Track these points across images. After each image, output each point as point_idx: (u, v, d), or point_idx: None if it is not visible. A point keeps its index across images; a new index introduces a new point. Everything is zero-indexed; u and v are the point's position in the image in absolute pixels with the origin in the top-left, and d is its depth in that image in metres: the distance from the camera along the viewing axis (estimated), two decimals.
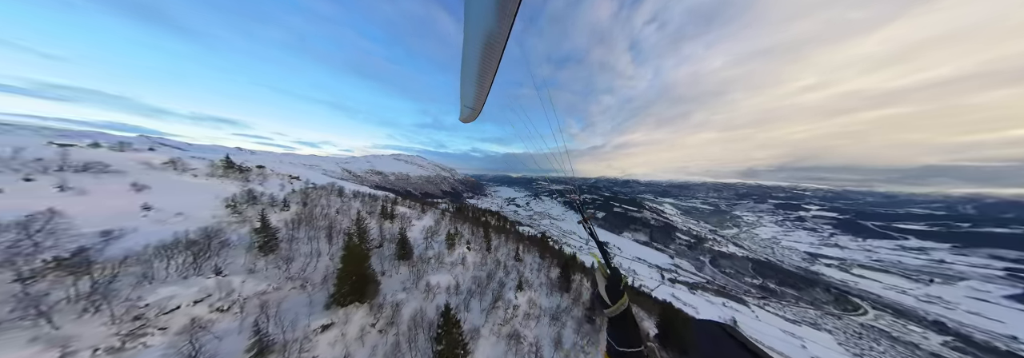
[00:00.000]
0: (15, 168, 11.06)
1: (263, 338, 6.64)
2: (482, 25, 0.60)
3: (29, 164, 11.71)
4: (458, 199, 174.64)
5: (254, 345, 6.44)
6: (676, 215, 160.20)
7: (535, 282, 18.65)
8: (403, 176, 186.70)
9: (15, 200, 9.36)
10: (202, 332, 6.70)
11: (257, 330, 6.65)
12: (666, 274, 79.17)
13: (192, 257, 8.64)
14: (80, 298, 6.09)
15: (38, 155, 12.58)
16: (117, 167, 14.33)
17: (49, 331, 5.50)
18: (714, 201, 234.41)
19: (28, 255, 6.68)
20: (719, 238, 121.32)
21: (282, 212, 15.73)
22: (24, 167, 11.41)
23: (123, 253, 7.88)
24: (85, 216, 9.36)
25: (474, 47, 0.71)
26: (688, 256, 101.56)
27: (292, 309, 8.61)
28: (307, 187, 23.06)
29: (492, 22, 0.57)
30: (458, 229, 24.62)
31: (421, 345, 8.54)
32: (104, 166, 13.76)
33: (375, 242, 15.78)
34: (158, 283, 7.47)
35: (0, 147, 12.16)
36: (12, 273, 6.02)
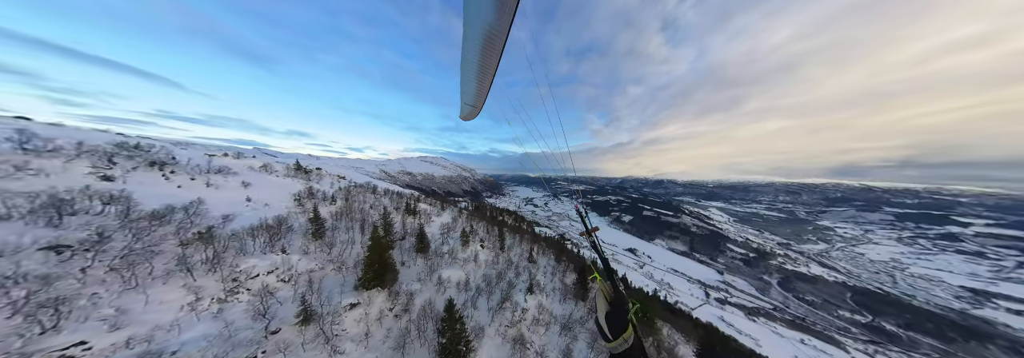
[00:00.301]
0: (187, 171, 16.79)
1: (308, 308, 8.44)
2: (482, 20, 0.58)
3: (193, 169, 17.56)
4: (478, 198, 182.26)
5: (301, 313, 8.28)
6: (728, 223, 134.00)
7: (548, 286, 18.15)
8: (429, 176, 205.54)
9: (184, 192, 14.14)
10: (270, 297, 8.91)
11: (304, 301, 8.52)
12: (712, 292, 66.73)
13: (269, 237, 11.66)
14: (207, 261, 9.00)
15: (198, 163, 18.79)
16: (235, 170, 20.28)
17: (190, 281, 8.33)
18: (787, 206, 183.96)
19: (185, 229, 10.18)
20: (795, 255, 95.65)
21: (330, 206, 19.40)
22: (192, 171, 17.17)
23: (231, 231, 11.19)
24: (215, 204, 13.46)
25: (474, 43, 0.68)
26: (744, 273, 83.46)
27: (329, 287, 10.63)
28: (349, 185, 27.59)
29: (492, 17, 0.55)
30: (474, 227, 25.78)
31: (428, 335, 9.30)
32: (228, 169, 19.69)
33: (398, 235, 17.65)
34: (248, 255, 10.26)
35: (183, 158, 18.54)
36: (177, 240, 9.43)
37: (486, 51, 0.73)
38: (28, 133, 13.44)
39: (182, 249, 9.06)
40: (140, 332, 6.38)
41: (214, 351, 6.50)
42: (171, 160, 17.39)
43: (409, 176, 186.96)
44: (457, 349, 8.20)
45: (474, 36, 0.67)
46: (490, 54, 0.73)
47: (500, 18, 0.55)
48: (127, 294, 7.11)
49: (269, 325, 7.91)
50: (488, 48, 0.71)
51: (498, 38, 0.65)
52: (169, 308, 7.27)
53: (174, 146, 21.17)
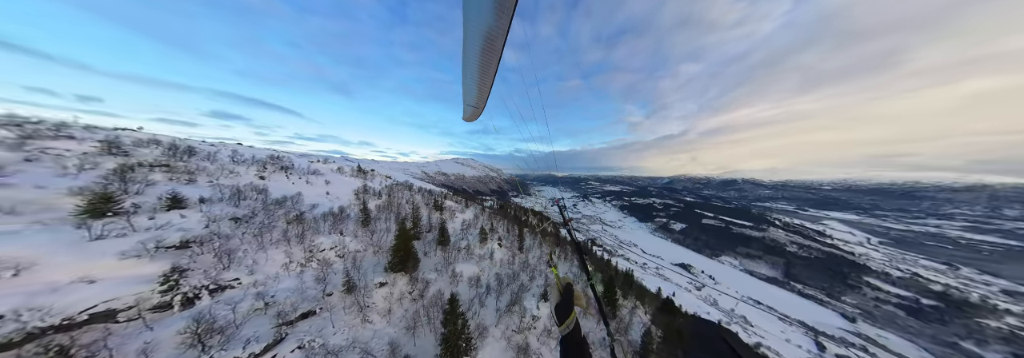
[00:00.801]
0: (297, 174, 24.67)
1: (351, 280, 11.06)
2: (481, 22, 0.59)
3: (300, 171, 25.61)
4: (504, 197, 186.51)
5: (346, 283, 10.93)
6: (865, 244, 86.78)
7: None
8: (460, 176, 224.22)
9: (293, 187, 20.74)
10: (329, 267, 12.06)
11: (348, 275, 11.27)
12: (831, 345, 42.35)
13: (333, 222, 15.84)
14: (298, 236, 12.99)
15: (303, 167, 27.15)
16: (322, 172, 28.19)
17: (288, 249, 12.15)
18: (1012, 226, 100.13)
19: (288, 213, 15.09)
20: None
21: (376, 200, 24.28)
22: (299, 173, 25.17)
23: (313, 216, 15.87)
24: (308, 196, 19.23)
25: (474, 45, 0.69)
26: (909, 329, 49.30)
27: (367, 265, 13.41)
28: (392, 184, 33.41)
29: (491, 19, 0.56)
30: (494, 225, 27.29)
31: (436, 324, 10.00)
32: (318, 171, 27.50)
33: (425, 227, 20.30)
34: (319, 234, 14.18)
35: (297, 164, 27.13)
36: (284, 220, 14.15)
37: (486, 52, 0.75)
38: (237, 152, 23.03)
39: (286, 226, 13.46)
40: (260, 278, 9.88)
41: (292, 300, 9.36)
42: (291, 166, 25.71)
43: (444, 176, 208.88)
44: (457, 344, 8.46)
45: (473, 38, 0.69)
46: (490, 55, 0.76)
47: (499, 20, 0.57)
48: (258, 252, 11.12)
49: (325, 288, 10.71)
50: (487, 49, 0.73)
51: (497, 39, 0.67)
52: (274, 265, 10.87)
53: (299, 157, 31.21)
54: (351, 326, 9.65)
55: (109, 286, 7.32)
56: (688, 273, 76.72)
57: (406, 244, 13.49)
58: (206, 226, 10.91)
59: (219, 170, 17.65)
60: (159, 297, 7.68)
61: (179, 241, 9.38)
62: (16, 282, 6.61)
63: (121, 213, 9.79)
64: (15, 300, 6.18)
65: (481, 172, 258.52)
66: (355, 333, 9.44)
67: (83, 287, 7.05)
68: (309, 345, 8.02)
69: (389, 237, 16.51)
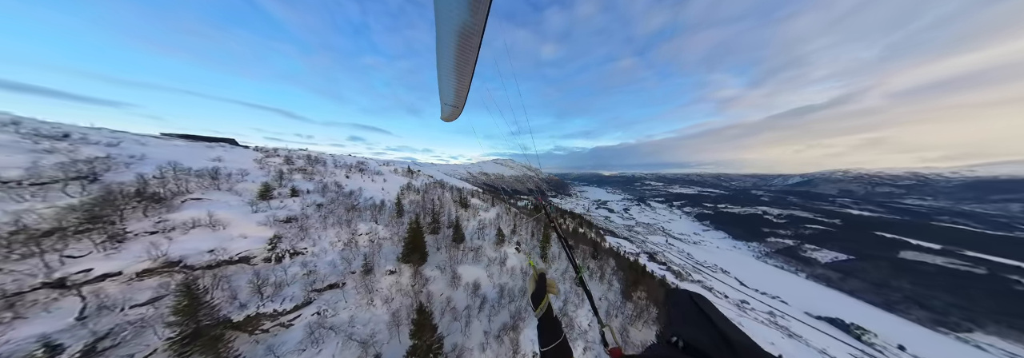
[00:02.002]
0: (369, 175, 33.38)
1: (368, 263, 13.73)
2: (455, 18, 0.54)
3: (370, 172, 34.63)
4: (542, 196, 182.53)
5: (365, 266, 13.73)
6: None
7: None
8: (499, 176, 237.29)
9: (362, 184, 28.44)
10: (359, 250, 15.36)
11: (367, 259, 14.01)
12: None
13: (374, 213, 20.38)
14: (349, 221, 17.75)
15: (374, 169, 36.79)
16: (383, 173, 37.10)
17: (340, 230, 16.75)
18: None
19: (351, 202, 20.92)
20: None
21: (415, 195, 29.37)
22: (370, 173, 33.97)
23: (363, 206, 21.10)
24: (368, 191, 25.72)
25: (448, 42, 0.64)
26: None
27: (386, 253, 16.10)
28: (430, 182, 39.23)
29: (466, 14, 0.53)
30: (517, 226, 27.18)
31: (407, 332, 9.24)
32: (381, 172, 36.39)
33: (446, 223, 22.17)
34: (362, 221, 18.59)
35: (370, 167, 36.94)
36: (346, 208, 19.66)
37: (462, 50, 0.71)
38: (337, 160, 34.01)
39: (345, 212, 18.62)
40: (315, 251, 14.13)
41: (326, 272, 12.49)
42: (366, 169, 35.42)
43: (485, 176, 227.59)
44: None
45: (448, 35, 0.65)
46: (466, 53, 0.72)
47: (474, 16, 0.54)
48: (320, 231, 15.88)
49: (351, 267, 13.82)
50: (464, 47, 0.69)
51: (473, 36, 0.63)
52: (326, 243, 15.12)
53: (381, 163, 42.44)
54: (359, 305, 11.63)
55: (251, 242, 12.31)
56: (856, 340, 39.43)
57: (416, 237, 15.07)
58: (302, 209, 16.48)
59: (326, 172, 26.70)
60: (267, 253, 12.38)
61: (285, 217, 14.77)
62: (217, 233, 12.03)
63: (272, 198, 16.84)
64: (214, 243, 11.36)
65: (519, 172, 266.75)
66: (358, 312, 11.29)
67: (241, 240, 12.27)
68: (323, 313, 10.33)
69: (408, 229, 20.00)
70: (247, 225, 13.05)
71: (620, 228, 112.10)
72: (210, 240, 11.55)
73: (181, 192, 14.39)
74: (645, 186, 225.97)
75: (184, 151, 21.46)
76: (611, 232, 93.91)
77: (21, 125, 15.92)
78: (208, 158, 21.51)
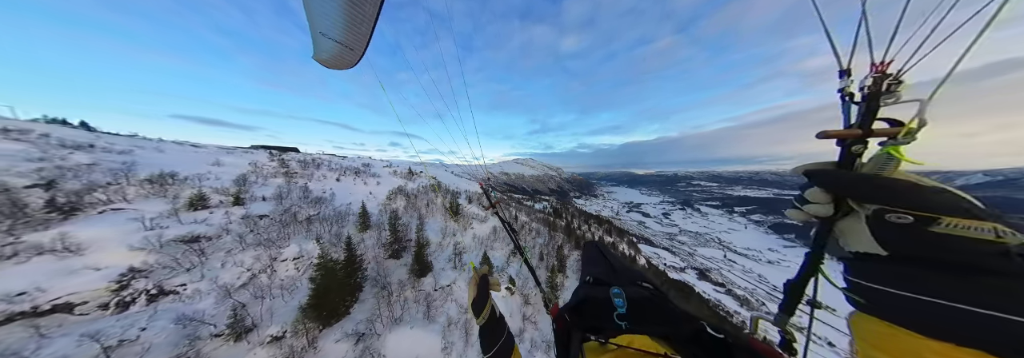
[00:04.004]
0: (364, 177, 30.67)
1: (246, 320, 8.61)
2: None
3: (367, 175, 31.99)
4: (564, 198, 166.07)
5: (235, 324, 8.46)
6: None
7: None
8: (520, 176, 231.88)
9: (346, 187, 25.35)
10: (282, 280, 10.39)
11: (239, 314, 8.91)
12: None
13: (335, 224, 15.57)
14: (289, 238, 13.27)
15: (375, 172, 34.41)
16: (380, 174, 34.18)
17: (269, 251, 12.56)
18: None
19: (309, 212, 16.76)
20: None
21: (401, 201, 24.69)
22: (365, 175, 31.35)
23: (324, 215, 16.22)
24: (351, 195, 21.55)
25: None
26: None
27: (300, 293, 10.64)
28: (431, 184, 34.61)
29: None
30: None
31: None
32: (378, 174, 33.64)
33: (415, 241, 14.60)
34: (305, 239, 13.64)
35: (374, 170, 34.75)
36: (299, 220, 15.50)
37: None
38: (333, 161, 32.25)
39: (292, 225, 14.19)
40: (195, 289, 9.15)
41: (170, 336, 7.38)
42: (363, 171, 32.89)
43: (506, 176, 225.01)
44: None
45: None
46: None
47: None
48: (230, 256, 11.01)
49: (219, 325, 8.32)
50: None
51: None
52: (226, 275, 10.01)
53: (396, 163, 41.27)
54: None
55: (97, 278, 8.10)
56: None
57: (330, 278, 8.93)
58: (227, 223, 12.43)
59: (316, 175, 24.25)
60: (109, 295, 8.05)
61: (189, 236, 10.59)
62: (64, 261, 8.10)
63: (205, 207, 13.26)
64: (42, 277, 7.35)
65: (540, 171, 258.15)
66: None
67: (86, 274, 8.22)
68: None
69: (368, 251, 14.12)
70: (114, 250, 9.11)
71: (659, 236, 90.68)
72: (41, 273, 7.74)
73: (108, 201, 11.93)
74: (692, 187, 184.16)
75: (191, 157, 21.21)
76: (647, 240, 75.54)
77: (50, 136, 16.71)
78: (208, 163, 20.88)
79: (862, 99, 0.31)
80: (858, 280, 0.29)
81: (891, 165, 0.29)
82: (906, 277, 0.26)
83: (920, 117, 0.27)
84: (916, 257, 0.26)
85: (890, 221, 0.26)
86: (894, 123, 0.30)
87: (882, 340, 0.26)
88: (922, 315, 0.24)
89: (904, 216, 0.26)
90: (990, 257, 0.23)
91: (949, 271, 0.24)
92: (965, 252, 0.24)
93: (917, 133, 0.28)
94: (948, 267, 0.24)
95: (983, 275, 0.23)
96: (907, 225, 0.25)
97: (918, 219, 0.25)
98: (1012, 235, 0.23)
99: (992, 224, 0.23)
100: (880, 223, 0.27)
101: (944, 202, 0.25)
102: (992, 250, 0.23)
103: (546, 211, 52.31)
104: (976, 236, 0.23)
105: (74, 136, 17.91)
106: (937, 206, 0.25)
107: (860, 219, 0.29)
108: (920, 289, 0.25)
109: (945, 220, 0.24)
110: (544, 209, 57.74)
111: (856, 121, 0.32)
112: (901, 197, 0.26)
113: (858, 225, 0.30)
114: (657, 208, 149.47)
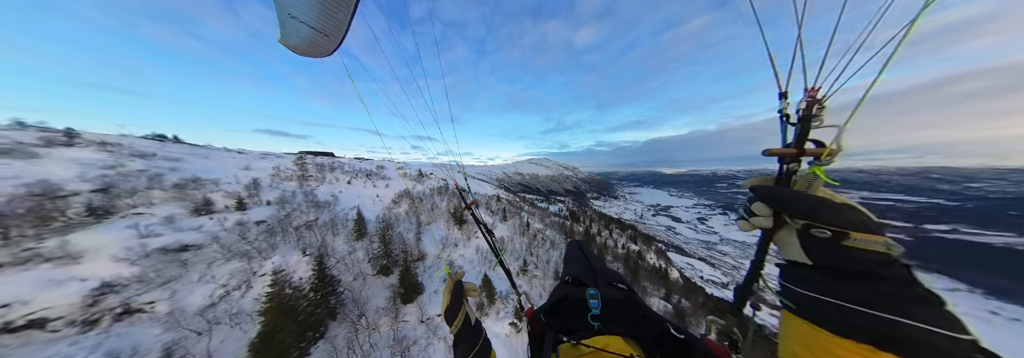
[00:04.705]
0: (372, 180, 31.02)
1: None
2: None
3: (377, 177, 32.21)
4: (581, 199, 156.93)
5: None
6: None
7: None
8: (534, 176, 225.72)
9: (355, 190, 25.15)
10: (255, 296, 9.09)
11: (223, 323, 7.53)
12: None
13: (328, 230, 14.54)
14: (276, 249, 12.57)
15: (386, 175, 34.63)
16: (391, 177, 34.16)
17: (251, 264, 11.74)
18: None
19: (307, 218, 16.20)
20: None
21: (405, 206, 23.71)
22: (376, 178, 31.59)
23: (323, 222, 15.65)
24: (358, 199, 21.29)
25: None
26: None
27: None
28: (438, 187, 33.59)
29: None
30: (535, 253, 17.50)
31: None
32: (388, 177, 33.67)
33: (413, 255, 13.66)
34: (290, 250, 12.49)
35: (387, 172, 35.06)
36: (295, 227, 15.07)
37: None
38: (346, 165, 32.80)
39: (288, 232, 13.66)
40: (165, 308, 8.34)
41: None
42: (375, 174, 33.40)
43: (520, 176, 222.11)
44: None
45: None
46: None
47: None
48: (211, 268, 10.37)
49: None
50: None
51: None
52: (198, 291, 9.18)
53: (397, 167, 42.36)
54: None
55: (76, 290, 7.76)
56: None
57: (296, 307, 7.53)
58: (220, 230, 12.13)
59: (329, 178, 24.73)
60: (81, 312, 7.60)
61: (177, 244, 10.29)
62: (59, 270, 8.02)
63: (212, 212, 13.34)
64: (30, 288, 7.24)
65: (555, 171, 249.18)
66: None
67: (70, 285, 8.01)
68: None
69: (356, 265, 12.63)
70: (102, 260, 8.91)
71: (692, 244, 77.34)
72: (34, 282, 7.63)
73: (135, 205, 12.62)
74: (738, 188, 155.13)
75: (227, 163, 23.16)
76: (678, 248, 65.09)
77: (127, 148, 19.45)
78: (239, 168, 22.60)
79: (797, 120, 0.35)
80: (789, 285, 0.34)
81: (817, 183, 0.34)
82: (823, 283, 0.31)
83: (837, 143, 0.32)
84: (832, 266, 0.31)
85: (814, 234, 0.32)
86: (820, 144, 0.34)
87: (804, 338, 0.31)
88: (833, 316, 0.29)
89: (824, 231, 0.31)
90: (881, 266, 0.29)
91: (853, 278, 0.29)
92: (865, 262, 0.29)
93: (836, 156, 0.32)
94: (853, 274, 0.29)
95: (875, 281, 0.28)
96: (826, 238, 0.31)
97: (834, 233, 0.30)
98: (896, 248, 0.29)
99: (884, 238, 0.29)
100: (806, 236, 0.32)
101: (852, 219, 0.30)
102: (883, 260, 0.29)
103: (562, 214, 47.58)
104: (874, 248, 0.29)
105: (145, 147, 20.71)
106: (847, 223, 0.30)
107: (792, 231, 0.34)
108: (833, 293, 0.29)
109: (853, 235, 0.29)
110: (559, 211, 53.01)
111: (793, 141, 0.36)
112: (821, 214, 0.31)
113: (790, 237, 0.35)
114: (690, 212, 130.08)
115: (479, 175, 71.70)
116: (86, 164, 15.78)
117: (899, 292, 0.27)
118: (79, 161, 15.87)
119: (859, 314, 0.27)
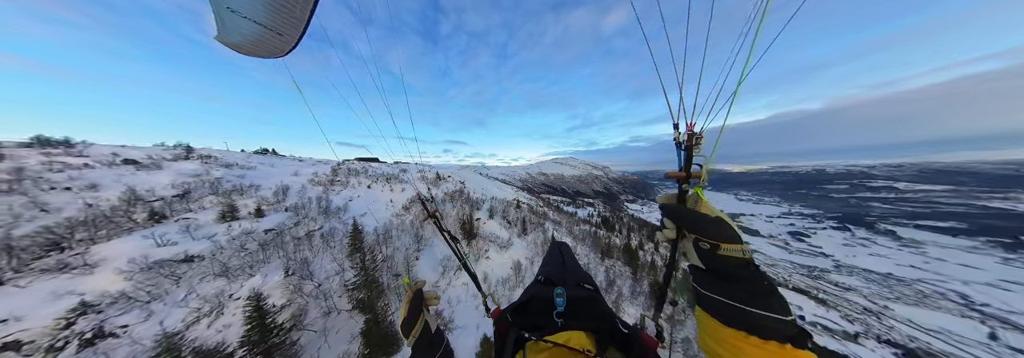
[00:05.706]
0: (391, 184, 31.23)
1: None
2: None
3: (395, 181, 32.57)
4: (613, 201, 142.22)
5: None
6: None
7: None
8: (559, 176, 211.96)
9: (372, 195, 25.18)
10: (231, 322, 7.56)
11: None
12: None
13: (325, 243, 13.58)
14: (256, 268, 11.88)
15: (405, 178, 35.16)
16: (408, 180, 34.33)
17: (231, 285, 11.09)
18: None
19: (314, 226, 15.95)
20: None
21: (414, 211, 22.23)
22: (394, 182, 31.86)
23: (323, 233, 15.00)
24: (370, 205, 21.07)
25: None
26: None
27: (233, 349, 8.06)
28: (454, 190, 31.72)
29: None
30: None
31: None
32: (406, 180, 33.73)
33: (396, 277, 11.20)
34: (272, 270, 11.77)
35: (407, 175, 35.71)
36: (295, 237, 14.68)
37: None
38: (371, 169, 34.42)
39: (289, 242, 13.12)
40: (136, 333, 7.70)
41: None
42: (396, 177, 34.03)
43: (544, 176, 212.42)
44: None
45: None
46: None
47: None
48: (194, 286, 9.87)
49: None
50: None
51: None
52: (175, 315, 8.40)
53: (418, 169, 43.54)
54: None
55: (61, 307, 7.43)
56: None
57: None
58: (228, 239, 11.89)
59: (351, 182, 25.57)
60: (54, 334, 7.14)
61: (183, 255, 10.27)
62: (75, 280, 8.05)
63: (235, 219, 13.93)
64: (36, 301, 7.23)
65: (582, 171, 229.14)
66: None
67: (66, 299, 7.77)
68: None
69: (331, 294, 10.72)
70: (107, 272, 8.84)
71: (782, 268, 55.81)
72: (38, 295, 7.69)
73: (193, 209, 13.88)
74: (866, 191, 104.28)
75: (284, 170, 26.15)
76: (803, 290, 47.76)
77: (215, 158, 23.97)
78: (289, 174, 25.39)
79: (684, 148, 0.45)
80: (694, 285, 0.44)
81: (700, 201, 0.45)
82: (713, 283, 0.41)
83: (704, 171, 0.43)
84: (716, 270, 0.42)
85: (700, 246, 0.43)
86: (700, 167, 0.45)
87: (710, 329, 0.41)
88: (721, 310, 0.39)
89: (706, 243, 0.42)
90: (741, 268, 0.40)
91: (728, 279, 0.40)
92: (731, 265, 0.40)
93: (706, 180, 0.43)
94: (727, 276, 0.40)
95: (740, 281, 0.39)
96: (708, 249, 0.42)
97: (712, 245, 0.41)
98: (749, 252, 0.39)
99: (742, 246, 0.40)
100: (697, 246, 0.44)
101: (722, 232, 0.41)
102: (743, 263, 0.40)
103: (592, 220, 39.94)
104: (736, 255, 0.40)
105: (234, 158, 25.01)
106: (718, 236, 0.41)
107: (690, 242, 0.45)
108: (718, 292, 0.40)
109: (723, 245, 0.41)
110: (589, 217, 44.93)
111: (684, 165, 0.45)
112: (702, 229, 0.42)
113: (689, 246, 0.46)
114: (776, 223, 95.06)
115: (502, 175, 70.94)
116: (181, 173, 18.44)
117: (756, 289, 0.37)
118: (180, 171, 18.75)
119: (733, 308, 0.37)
